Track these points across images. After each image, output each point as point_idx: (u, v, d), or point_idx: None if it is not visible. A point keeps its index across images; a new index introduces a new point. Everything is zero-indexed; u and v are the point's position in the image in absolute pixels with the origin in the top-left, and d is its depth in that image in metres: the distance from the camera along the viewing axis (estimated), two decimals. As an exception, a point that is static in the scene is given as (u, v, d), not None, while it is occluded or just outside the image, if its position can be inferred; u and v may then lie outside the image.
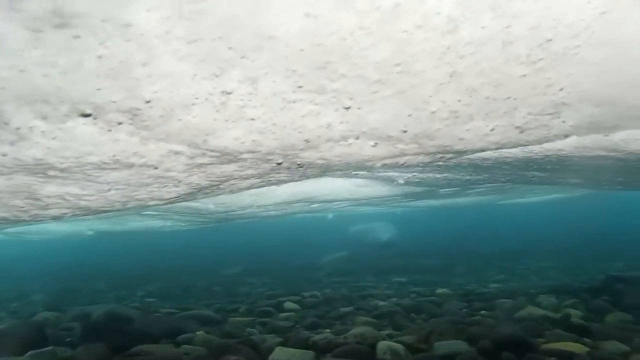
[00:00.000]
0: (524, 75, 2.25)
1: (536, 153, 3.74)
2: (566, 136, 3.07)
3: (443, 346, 5.72)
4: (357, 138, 2.69)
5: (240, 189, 3.86)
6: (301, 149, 2.76)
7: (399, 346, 5.71)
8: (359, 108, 2.39)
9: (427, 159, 3.32)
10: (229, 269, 19.93)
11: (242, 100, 2.16)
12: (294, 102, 2.25)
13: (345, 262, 20.18)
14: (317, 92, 2.23)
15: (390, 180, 6.95)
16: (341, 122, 2.50)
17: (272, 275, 17.37)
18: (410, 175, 6.28)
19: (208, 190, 3.66)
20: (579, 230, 30.68)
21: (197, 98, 2.07)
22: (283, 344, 6.13)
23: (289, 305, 10.04)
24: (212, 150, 2.61)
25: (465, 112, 2.52)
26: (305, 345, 6.07)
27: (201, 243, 35.57)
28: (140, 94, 2.01)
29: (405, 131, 2.67)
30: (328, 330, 7.09)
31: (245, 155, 2.75)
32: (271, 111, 2.29)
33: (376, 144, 2.79)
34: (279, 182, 4.16)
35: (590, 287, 9.82)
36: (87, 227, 15.30)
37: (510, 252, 21.37)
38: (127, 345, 6.39)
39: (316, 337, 6.35)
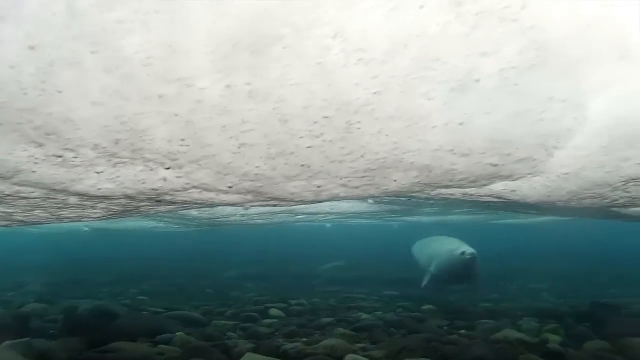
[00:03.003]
0: (310, 147, 2.40)
1: (450, 195, 3.88)
2: (411, 191, 3.23)
3: (410, 364, 5.78)
4: (198, 189, 2.87)
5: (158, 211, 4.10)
6: (157, 194, 3.02)
7: (366, 360, 5.78)
8: (181, 168, 2.60)
9: (293, 203, 3.49)
10: (227, 272, 20.04)
11: (78, 160, 2.45)
12: (123, 163, 2.52)
13: (341, 272, 20.20)
14: (133, 158, 2.47)
15: (361, 200, 7.05)
16: (177, 177, 2.70)
17: (267, 280, 17.46)
18: (376, 197, 6.41)
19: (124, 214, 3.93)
20: (583, 254, 30.43)
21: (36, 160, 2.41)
22: (255, 351, 6.21)
23: (274, 312, 10.12)
24: (77, 194, 2.90)
25: (274, 175, 2.68)
26: (275, 353, 6.15)
27: (203, 245, 35.74)
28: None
29: (231, 187, 2.87)
30: (304, 339, 7.15)
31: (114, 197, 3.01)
32: (110, 167, 2.55)
33: (219, 193, 3.02)
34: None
35: (576, 313, 9.79)
36: (83, 223, 15.51)
37: (510, 270, 21.29)
38: (104, 342, 6.51)
39: (287, 346, 6.43)
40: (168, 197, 3.05)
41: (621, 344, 7.05)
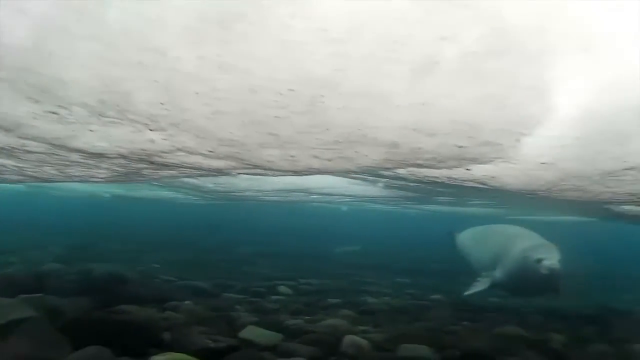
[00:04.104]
0: (278, 117, 2.50)
1: (435, 177, 3.95)
2: (384, 167, 3.29)
3: (407, 349, 5.83)
4: (183, 151, 2.97)
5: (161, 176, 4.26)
6: (148, 155, 3.16)
7: (364, 342, 5.85)
8: (164, 131, 2.75)
9: (279, 173, 3.60)
10: (241, 248, 20.26)
11: (72, 118, 2.61)
12: (113, 123, 2.67)
13: (356, 257, 20.29)
14: (120, 119, 2.63)
15: (372, 182, 7.11)
16: (162, 139, 2.84)
17: (279, 258, 17.59)
18: (384, 180, 6.47)
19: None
20: (604, 256, 29.95)
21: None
22: (257, 324, 6.33)
23: (282, 289, 10.26)
24: (76, 150, 3.05)
25: (247, 141, 2.80)
26: (276, 327, 6.26)
27: (221, 219, 36.15)
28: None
29: (211, 151, 3.03)
30: (307, 317, 7.25)
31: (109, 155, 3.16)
32: (102, 126, 2.71)
33: (204, 157, 3.13)
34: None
35: (584, 315, 9.72)
36: (102, 189, 15.83)
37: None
38: (113, 303, 6.70)
39: (289, 322, 6.54)
40: (159, 159, 3.18)
41: (625, 349, 7.01)
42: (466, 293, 8.56)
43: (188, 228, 29.18)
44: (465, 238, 11.85)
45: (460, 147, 2.85)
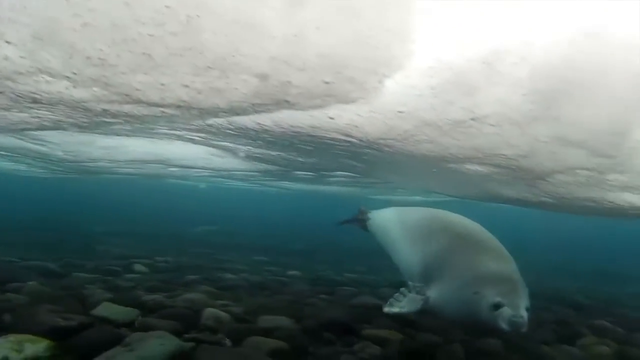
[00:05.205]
0: (152, 35, 2.46)
1: (299, 127, 4.18)
2: (253, 103, 3.41)
3: (267, 320, 5.92)
4: (44, 74, 2.86)
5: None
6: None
7: (224, 314, 5.85)
8: (24, 45, 2.55)
9: (146, 111, 3.56)
10: (95, 227, 19.20)
11: None
12: None
13: (214, 236, 20.12)
14: None
15: (232, 152, 7.11)
16: (20, 57, 2.66)
17: (135, 237, 16.96)
18: (245, 148, 6.53)
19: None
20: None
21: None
22: (112, 301, 6.06)
23: (138, 267, 9.91)
24: None
25: (118, 62, 2.71)
26: (133, 304, 6.03)
27: (70, 196, 33.94)
28: None
29: (76, 74, 2.86)
30: (165, 294, 7.07)
31: None
32: None
33: (67, 87, 3.05)
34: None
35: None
36: None
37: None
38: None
39: (146, 298, 6.34)
40: (11, 85, 2.92)
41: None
42: (386, 309, 5.45)
43: (34, 205, 26.97)
44: (387, 220, 7.77)
45: (327, 82, 2.97)
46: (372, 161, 5.97)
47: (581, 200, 5.83)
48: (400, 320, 6.86)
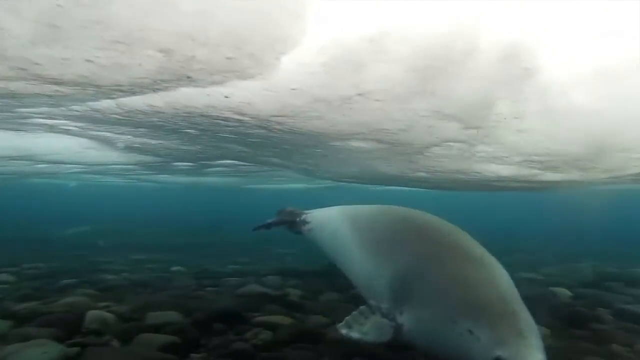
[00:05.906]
0: (60, 6, 2.40)
1: (194, 107, 4.25)
2: (156, 79, 3.45)
3: (155, 317, 5.76)
4: None
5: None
6: None
7: (109, 315, 5.61)
8: None
9: (37, 89, 3.45)
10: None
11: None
12: None
13: (88, 237, 19.05)
14: None
15: (110, 143, 6.81)
16: None
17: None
18: (125, 137, 6.31)
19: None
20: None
21: None
22: (-22, 315, 5.56)
23: (3, 277, 9.14)
24: None
25: (21, 34, 2.63)
26: (2, 315, 5.58)
27: None
28: None
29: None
30: (39, 301, 6.61)
31: None
32: None
33: None
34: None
35: (314, 272, 10.64)
36: None
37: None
38: None
39: (17, 307, 5.89)
40: None
41: (352, 294, 7.92)
42: (343, 331, 4.16)
43: None
44: (333, 223, 5.96)
45: (229, 58, 3.04)
46: (258, 143, 6.01)
47: (453, 172, 6.30)
48: (289, 305, 6.98)
